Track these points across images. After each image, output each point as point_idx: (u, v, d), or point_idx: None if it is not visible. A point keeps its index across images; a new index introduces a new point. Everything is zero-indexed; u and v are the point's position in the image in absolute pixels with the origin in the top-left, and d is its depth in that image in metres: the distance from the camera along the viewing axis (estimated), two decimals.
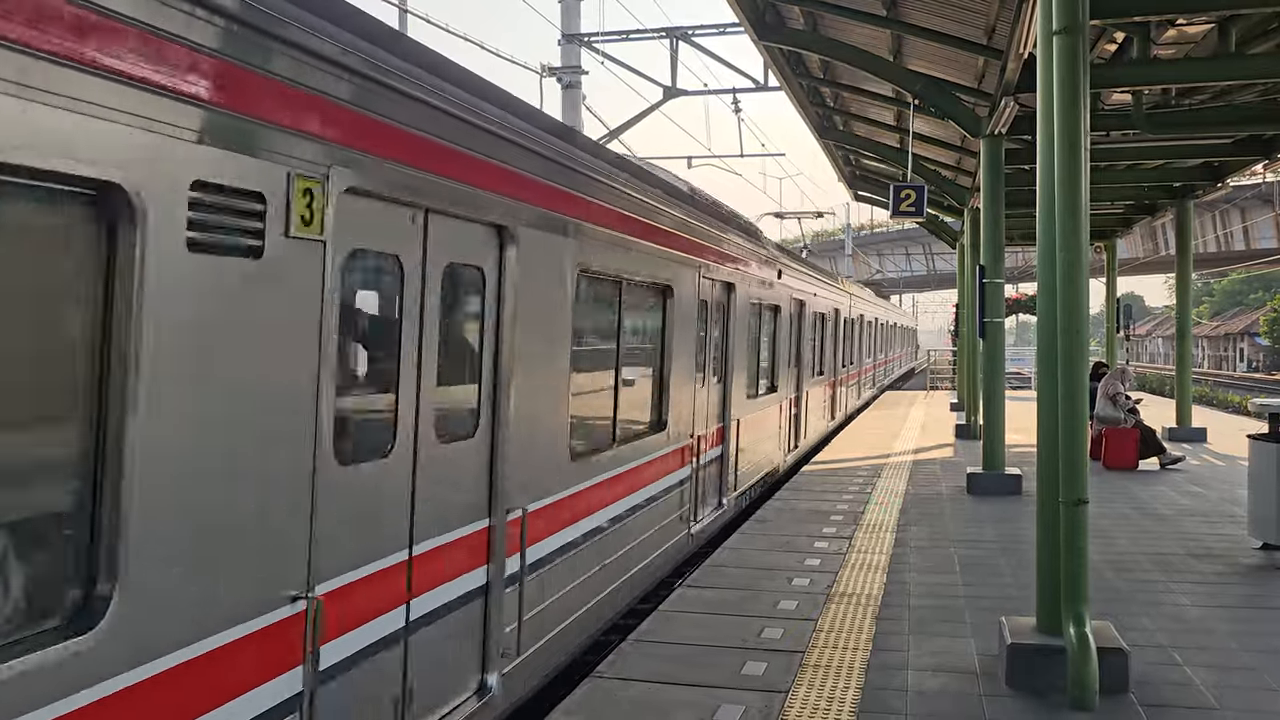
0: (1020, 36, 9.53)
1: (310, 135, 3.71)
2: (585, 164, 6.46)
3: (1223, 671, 6.24)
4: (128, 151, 2.91)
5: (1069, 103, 5.94)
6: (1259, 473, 9.28)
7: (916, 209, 14.31)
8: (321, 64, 3.76)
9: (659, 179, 8.59)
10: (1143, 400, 17.17)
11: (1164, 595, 8.04)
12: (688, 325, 9.19)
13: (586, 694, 5.74)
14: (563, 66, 22.91)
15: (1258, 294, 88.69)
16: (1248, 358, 78.96)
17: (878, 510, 11.66)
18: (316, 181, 3.74)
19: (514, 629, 5.58)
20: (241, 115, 3.35)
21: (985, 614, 7.34)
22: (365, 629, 4.27)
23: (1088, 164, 5.99)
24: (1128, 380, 16.66)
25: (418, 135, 4.45)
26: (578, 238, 6.36)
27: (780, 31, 12.91)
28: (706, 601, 7.69)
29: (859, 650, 6.56)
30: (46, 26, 2.65)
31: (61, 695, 2.74)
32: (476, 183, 5.00)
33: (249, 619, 3.48)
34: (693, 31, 23.97)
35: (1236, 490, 12.79)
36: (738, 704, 5.60)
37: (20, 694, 2.63)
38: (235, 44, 3.31)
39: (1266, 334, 71.65)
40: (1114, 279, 24.83)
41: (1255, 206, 53.44)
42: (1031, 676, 5.88)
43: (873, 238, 71.80)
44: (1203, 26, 10.56)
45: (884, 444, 18.66)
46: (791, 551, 9.42)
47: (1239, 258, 59.91)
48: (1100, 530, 10.23)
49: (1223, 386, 45.69)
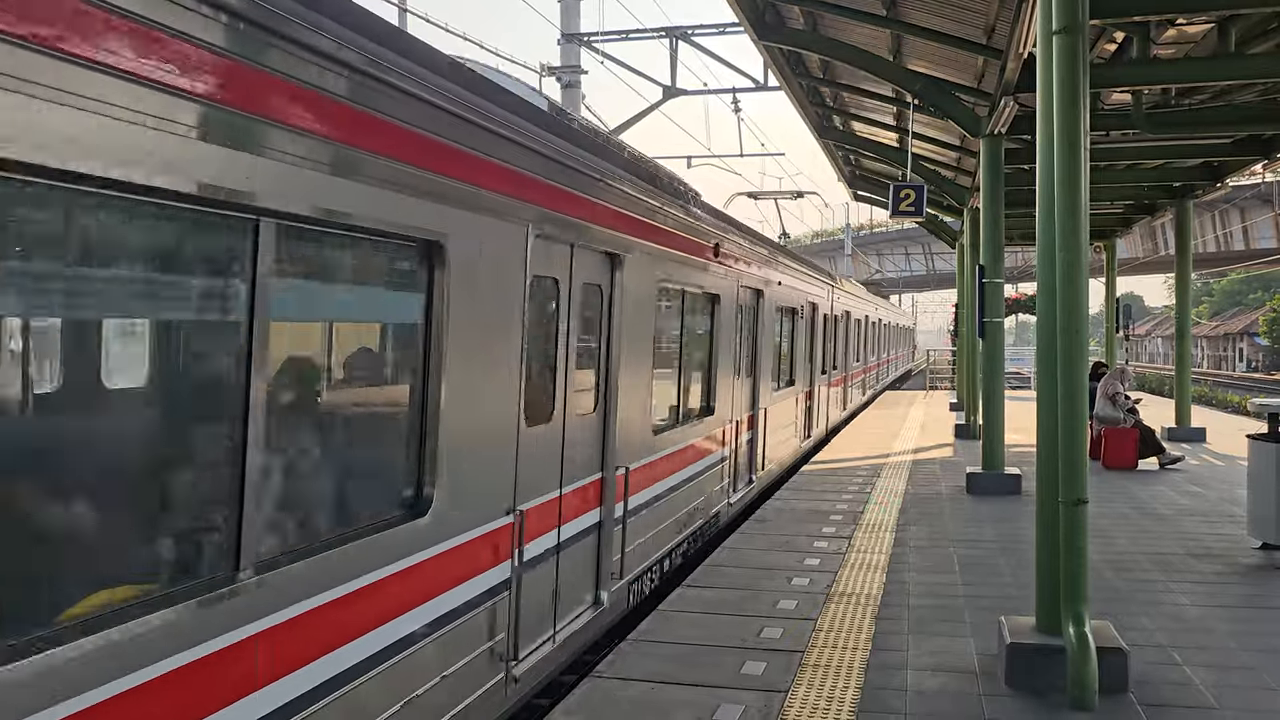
0: (1020, 36, 9.54)
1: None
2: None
3: (1222, 671, 6.24)
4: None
5: (1069, 102, 5.94)
6: (1258, 472, 9.28)
7: (916, 209, 14.31)
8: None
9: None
10: (1142, 400, 17.17)
11: (1163, 595, 8.04)
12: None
13: (586, 694, 5.74)
14: (562, 66, 22.92)
15: (1257, 294, 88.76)
16: (1247, 358, 79.01)
17: (877, 510, 11.66)
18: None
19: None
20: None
21: (985, 614, 7.34)
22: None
23: (1087, 164, 5.99)
24: (1127, 380, 16.66)
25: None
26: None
27: (780, 31, 12.91)
28: (706, 601, 7.69)
29: (858, 650, 6.56)
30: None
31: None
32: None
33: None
34: (692, 31, 23.99)
35: (1236, 490, 12.79)
36: (737, 704, 5.60)
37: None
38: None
39: (1266, 334, 71.70)
40: (1113, 279, 24.84)
41: (1255, 206, 53.47)
42: (1031, 676, 5.88)
43: (872, 237, 71.81)
44: (1202, 26, 10.56)
45: (883, 443, 18.66)
46: (791, 551, 9.42)
47: (1238, 258, 59.94)
48: (1100, 530, 10.23)
49: (1222, 386, 45.72)
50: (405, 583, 4.36)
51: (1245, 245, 55.66)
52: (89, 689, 2.77)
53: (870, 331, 29.57)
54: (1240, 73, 10.54)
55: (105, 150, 2.76)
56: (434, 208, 4.48)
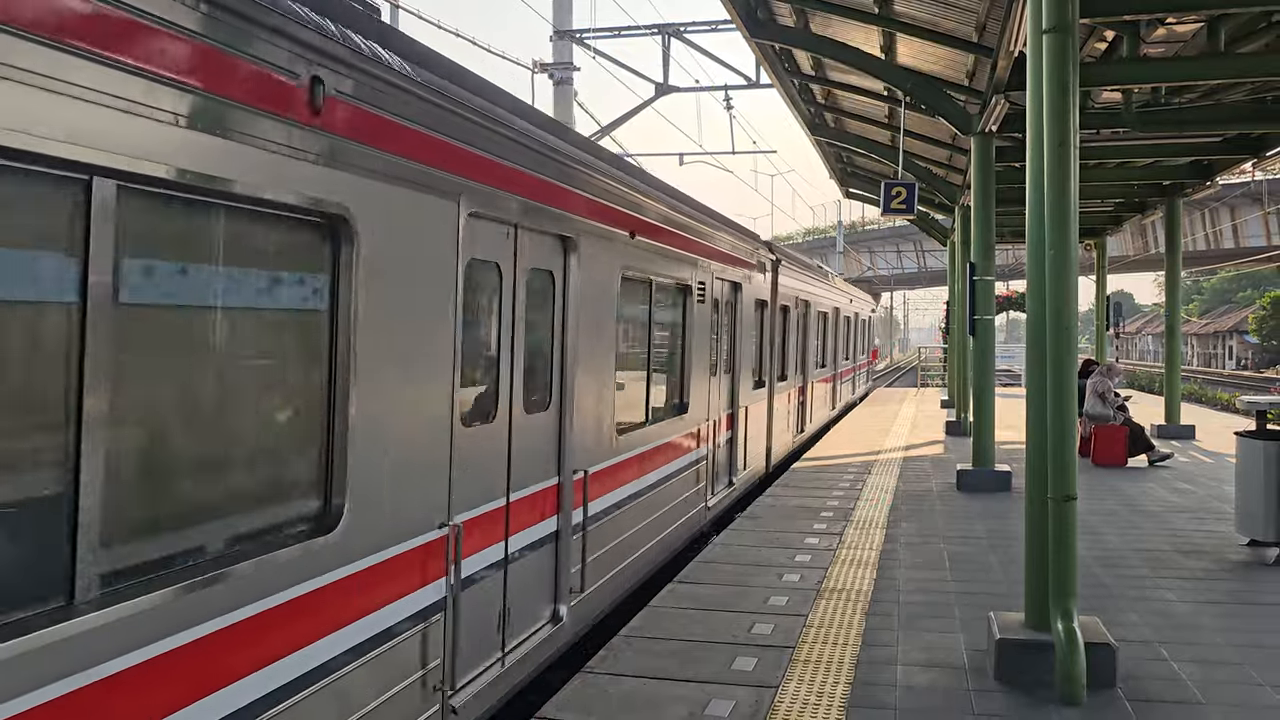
0: (1011, 34, 9.56)
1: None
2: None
3: (1209, 666, 6.29)
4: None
5: (1059, 101, 5.97)
6: (1247, 470, 9.33)
7: (907, 206, 14.35)
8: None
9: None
10: (1131, 397, 17.24)
11: (1151, 591, 8.09)
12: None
13: (578, 689, 5.76)
14: (554, 62, 22.92)
15: (1246, 292, 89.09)
16: (1237, 355, 79.32)
17: (868, 507, 11.70)
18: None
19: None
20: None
21: (974, 610, 7.38)
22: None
23: (1077, 162, 6.02)
24: (1116, 377, 16.73)
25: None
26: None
27: (771, 28, 12.92)
28: (697, 597, 7.71)
29: (849, 645, 6.59)
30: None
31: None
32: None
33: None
34: (685, 28, 24.01)
35: (1224, 487, 12.87)
36: (728, 699, 5.62)
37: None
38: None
39: (1255, 332, 71.97)
40: (1104, 277, 24.89)
41: (1244, 205, 53.62)
42: (1020, 671, 5.92)
43: (864, 235, 71.89)
44: (1192, 25, 10.60)
45: (875, 440, 18.71)
46: (782, 547, 9.44)
47: (1228, 256, 60.10)
48: (1089, 527, 10.28)
49: (1212, 384, 45.86)
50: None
51: (1235, 243, 55.82)
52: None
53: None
54: (1230, 72, 10.57)
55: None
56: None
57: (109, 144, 2.89)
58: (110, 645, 2.93)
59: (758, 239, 13.62)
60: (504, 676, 5.59)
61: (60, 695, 2.76)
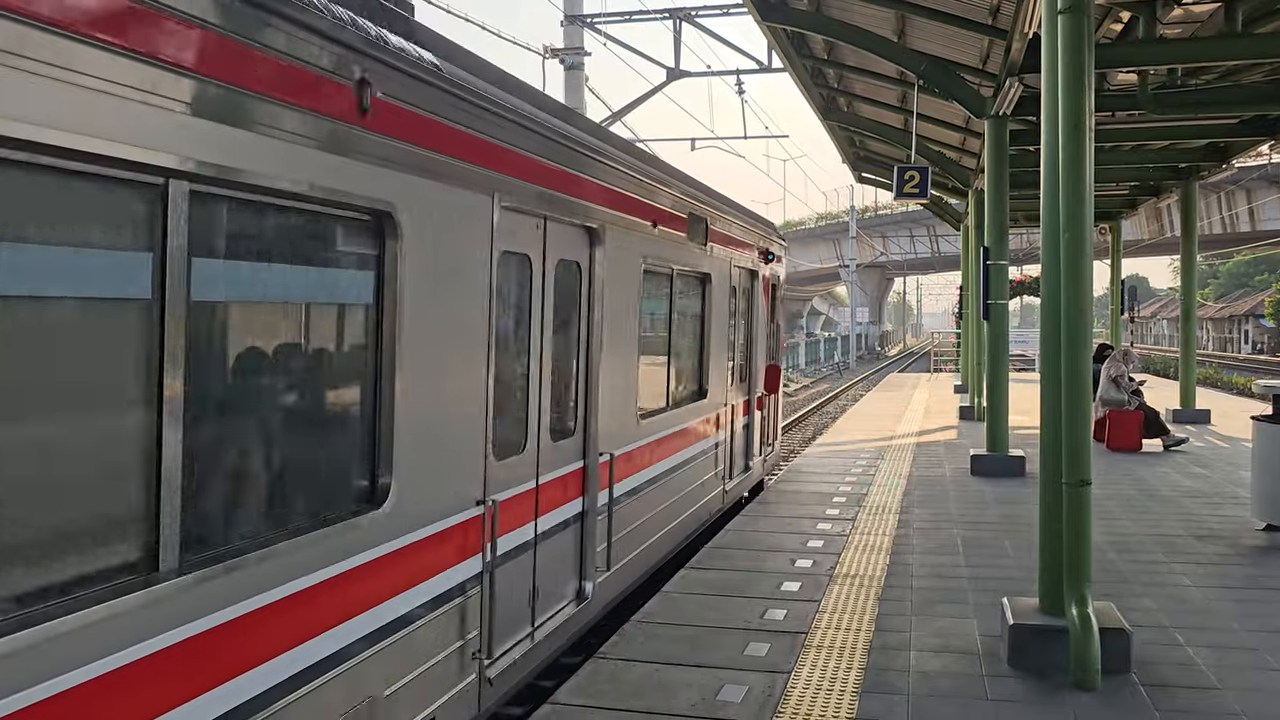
0: (1025, 16, 9.48)
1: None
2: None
3: (1224, 651, 6.26)
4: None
5: (1074, 83, 5.91)
6: (1263, 454, 9.28)
7: (920, 191, 14.27)
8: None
9: None
10: (1146, 382, 17.15)
11: (1166, 576, 8.05)
12: None
13: (590, 674, 5.78)
14: (565, 48, 22.85)
15: (1263, 276, 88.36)
16: (1253, 339, 78.80)
17: (881, 492, 11.68)
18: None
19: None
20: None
21: (988, 595, 7.36)
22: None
23: (1092, 145, 5.96)
24: (1131, 362, 16.65)
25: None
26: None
27: (784, 12, 12.84)
28: (710, 583, 7.71)
29: (861, 631, 6.59)
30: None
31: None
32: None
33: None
34: (696, 12, 23.90)
35: (1240, 472, 12.81)
36: (740, 684, 5.63)
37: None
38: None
39: (1271, 316, 71.44)
40: (1119, 260, 24.73)
41: (1261, 187, 53.17)
42: (1033, 657, 5.90)
43: (877, 220, 71.65)
44: (1209, 6, 10.50)
45: (888, 426, 18.67)
46: (795, 533, 9.44)
47: (1244, 239, 59.66)
48: (1103, 511, 10.25)
49: (1227, 368, 45.62)
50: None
51: (1251, 226, 55.39)
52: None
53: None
54: (1247, 52, 10.47)
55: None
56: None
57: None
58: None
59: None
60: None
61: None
